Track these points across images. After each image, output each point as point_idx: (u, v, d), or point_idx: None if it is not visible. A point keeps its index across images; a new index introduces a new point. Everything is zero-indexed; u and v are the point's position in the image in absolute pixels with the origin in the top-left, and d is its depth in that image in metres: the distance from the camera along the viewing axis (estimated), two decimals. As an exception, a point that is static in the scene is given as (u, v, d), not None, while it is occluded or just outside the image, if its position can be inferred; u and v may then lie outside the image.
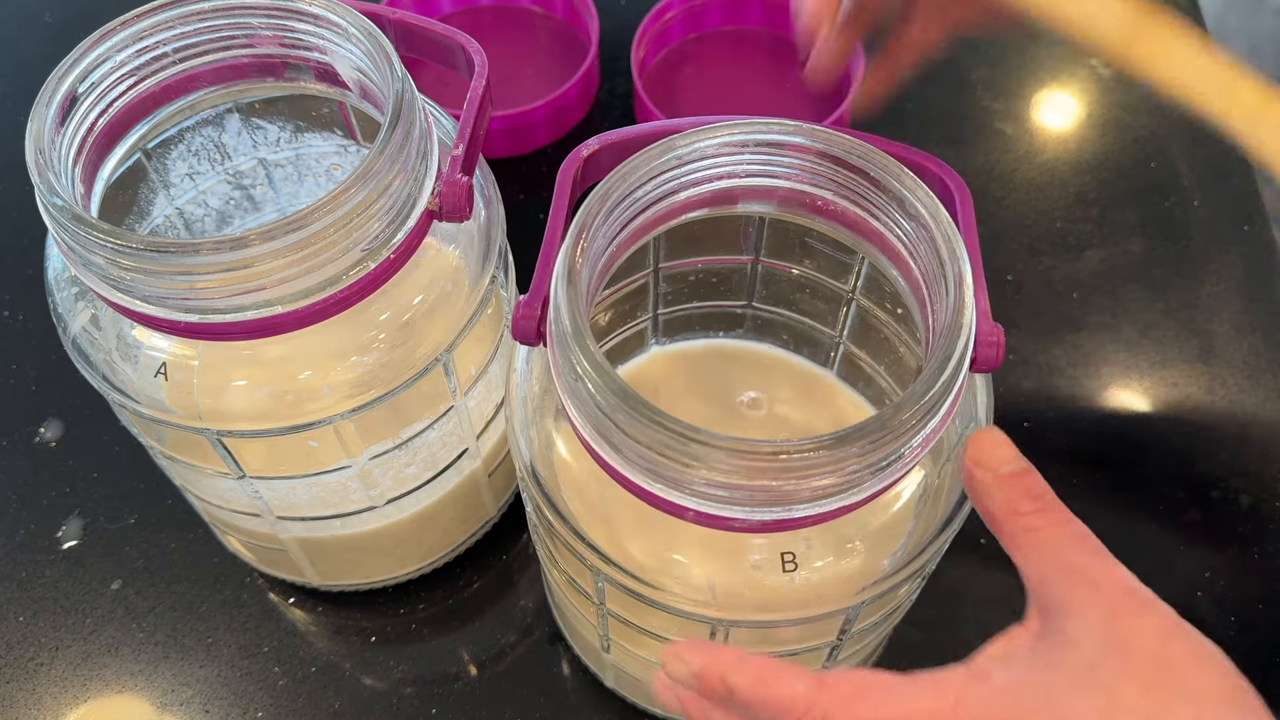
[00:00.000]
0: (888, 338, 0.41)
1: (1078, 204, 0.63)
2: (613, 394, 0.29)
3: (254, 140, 0.45)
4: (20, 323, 0.59)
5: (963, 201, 0.35)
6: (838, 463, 0.28)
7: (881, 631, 0.41)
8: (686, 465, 0.28)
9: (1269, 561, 0.51)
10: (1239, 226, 0.62)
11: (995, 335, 0.32)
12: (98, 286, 0.35)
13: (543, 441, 0.37)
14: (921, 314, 0.33)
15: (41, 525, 0.53)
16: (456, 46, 0.41)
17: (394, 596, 0.51)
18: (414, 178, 0.36)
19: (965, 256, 0.31)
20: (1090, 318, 0.59)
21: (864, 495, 0.30)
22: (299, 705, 0.48)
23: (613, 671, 0.47)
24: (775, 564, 0.35)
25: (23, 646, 0.50)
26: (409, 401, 0.42)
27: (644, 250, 0.39)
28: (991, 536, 0.32)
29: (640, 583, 0.35)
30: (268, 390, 0.39)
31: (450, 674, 0.49)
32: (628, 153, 0.33)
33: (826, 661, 0.40)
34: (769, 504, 0.29)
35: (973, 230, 0.34)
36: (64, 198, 0.34)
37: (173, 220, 0.45)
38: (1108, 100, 0.68)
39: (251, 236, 0.33)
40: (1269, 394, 0.56)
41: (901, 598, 0.39)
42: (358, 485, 0.44)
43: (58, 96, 0.36)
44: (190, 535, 0.52)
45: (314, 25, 0.39)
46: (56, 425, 0.56)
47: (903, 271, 0.34)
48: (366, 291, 0.36)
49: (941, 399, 0.29)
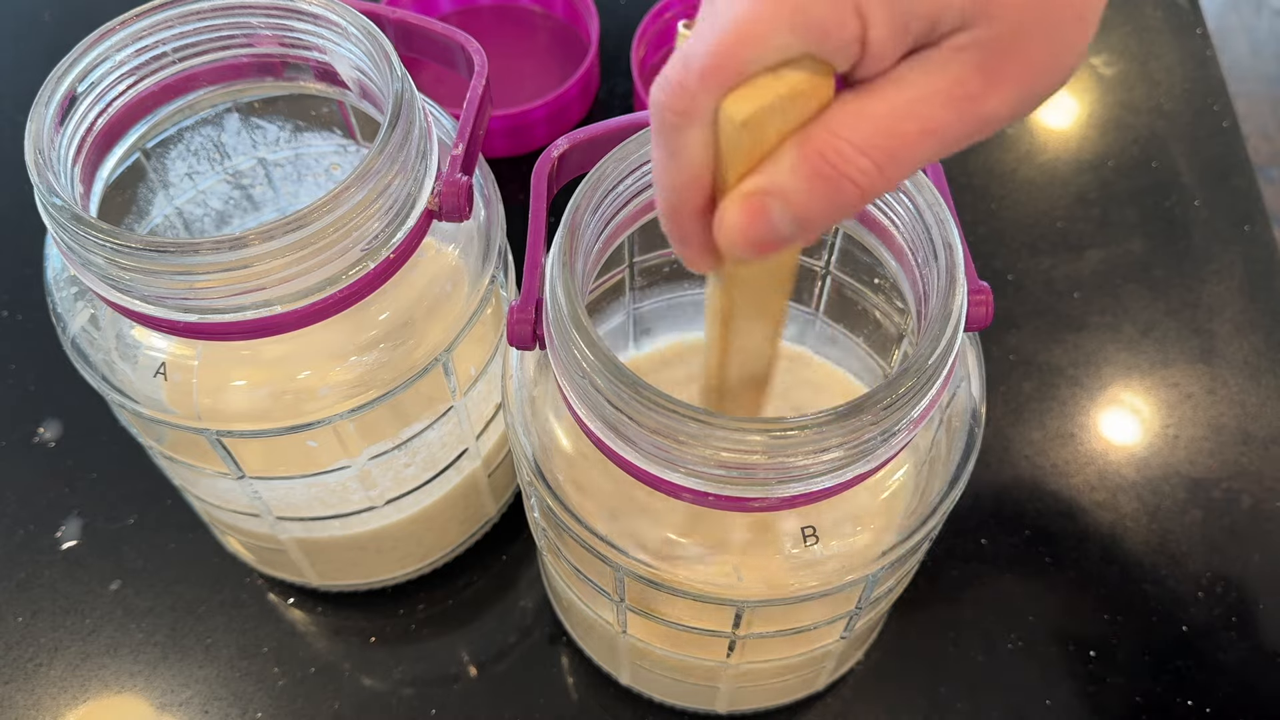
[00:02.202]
0: (865, 309, 0.41)
1: (1078, 204, 0.63)
2: (623, 385, 0.29)
3: (253, 140, 0.45)
4: (19, 322, 0.59)
5: (933, 166, 0.35)
6: (853, 433, 0.29)
7: (892, 596, 0.42)
8: (702, 449, 0.29)
9: (1269, 561, 0.51)
10: (1239, 226, 0.62)
11: (983, 294, 0.32)
12: (97, 286, 0.35)
13: (546, 441, 0.37)
14: (910, 281, 0.34)
15: (40, 525, 0.53)
16: (456, 46, 0.41)
17: (393, 597, 0.51)
18: (413, 177, 0.36)
19: (951, 221, 0.32)
20: (1091, 318, 0.59)
21: (877, 462, 0.30)
22: (298, 706, 0.48)
23: (629, 669, 0.47)
24: (796, 539, 0.36)
25: (21, 647, 0.50)
26: (408, 402, 0.42)
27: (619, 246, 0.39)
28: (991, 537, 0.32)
29: (663, 573, 0.35)
30: (267, 390, 0.39)
31: (450, 674, 0.49)
32: (598, 150, 0.34)
33: (845, 632, 0.41)
34: (786, 480, 0.30)
35: (946, 193, 0.34)
36: (63, 197, 0.34)
37: (172, 220, 0.45)
38: (1108, 100, 0.68)
39: (251, 236, 0.33)
40: (1270, 394, 0.56)
41: (914, 561, 0.40)
42: (357, 485, 0.44)
43: (57, 96, 0.36)
44: (189, 535, 0.52)
45: (313, 25, 0.39)
46: (56, 425, 0.56)
47: (886, 241, 0.35)
48: (366, 291, 0.36)
49: (944, 361, 0.30)
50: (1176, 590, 0.50)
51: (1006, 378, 0.56)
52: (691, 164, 0.25)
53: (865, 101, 0.24)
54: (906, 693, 0.48)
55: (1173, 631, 0.49)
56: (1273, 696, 0.48)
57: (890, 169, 0.24)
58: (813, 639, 0.41)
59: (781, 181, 0.24)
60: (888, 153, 0.24)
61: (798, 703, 0.48)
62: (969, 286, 0.32)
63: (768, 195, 0.25)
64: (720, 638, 0.39)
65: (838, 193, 0.24)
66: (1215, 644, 0.49)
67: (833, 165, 0.24)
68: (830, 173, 0.24)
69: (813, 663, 0.44)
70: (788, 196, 0.24)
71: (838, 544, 0.36)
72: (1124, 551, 0.51)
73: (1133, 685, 0.48)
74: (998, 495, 0.53)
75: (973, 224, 0.62)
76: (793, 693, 0.48)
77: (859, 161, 0.24)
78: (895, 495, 0.37)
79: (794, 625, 0.39)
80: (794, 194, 0.24)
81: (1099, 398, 0.56)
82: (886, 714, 0.48)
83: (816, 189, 0.24)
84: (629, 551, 0.35)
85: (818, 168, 0.24)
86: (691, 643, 0.41)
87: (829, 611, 0.39)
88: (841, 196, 0.24)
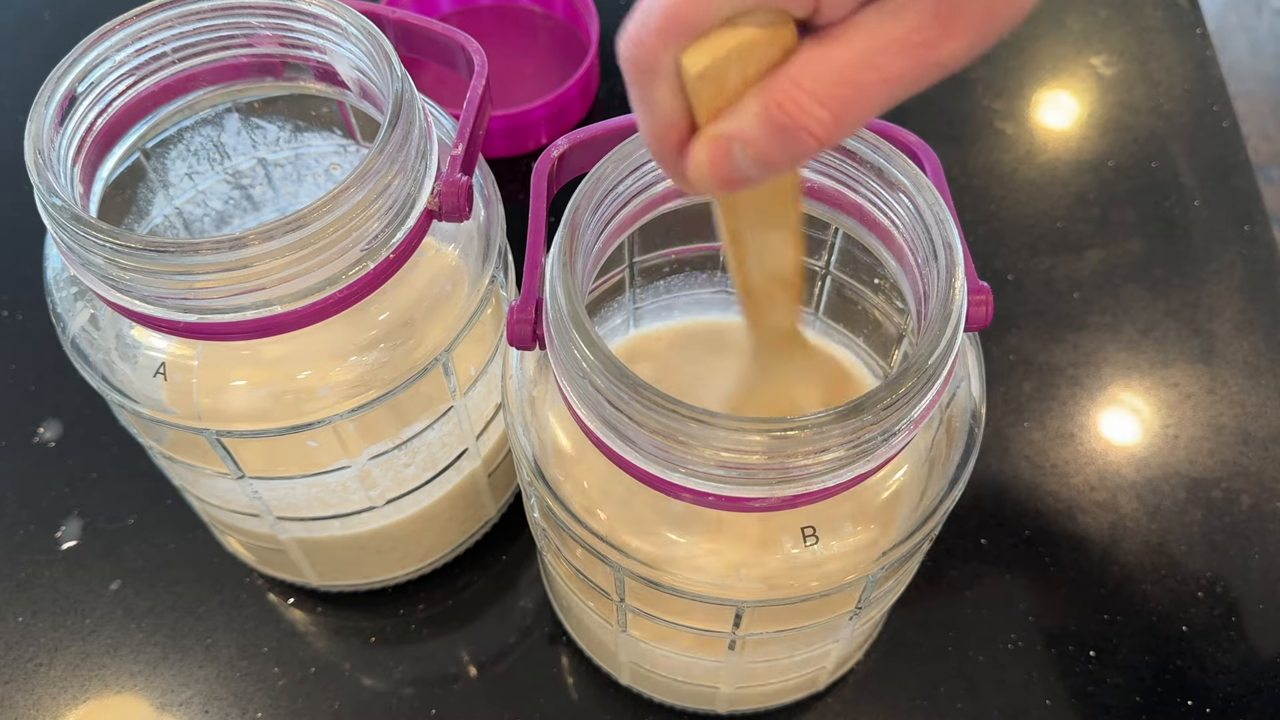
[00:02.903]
0: (865, 309, 0.41)
1: (1078, 204, 0.63)
2: (623, 385, 0.29)
3: (253, 140, 0.45)
4: (19, 323, 0.59)
5: (931, 165, 0.35)
6: (854, 433, 0.29)
7: (892, 596, 0.42)
8: (703, 449, 0.29)
9: (1269, 561, 0.51)
10: (1239, 226, 0.62)
11: (983, 294, 0.33)
12: (97, 286, 0.35)
13: (546, 441, 0.37)
14: (910, 281, 0.34)
15: (40, 525, 0.53)
16: (456, 46, 0.41)
17: (393, 597, 0.51)
18: (413, 177, 0.36)
19: (951, 221, 0.32)
20: (1091, 318, 0.59)
21: (878, 462, 0.31)
22: (298, 706, 0.48)
23: (629, 669, 0.47)
24: (796, 539, 0.36)
25: (21, 647, 0.50)
26: (408, 402, 0.42)
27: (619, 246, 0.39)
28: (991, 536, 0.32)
29: (664, 573, 0.35)
30: (267, 390, 0.39)
31: (450, 674, 0.49)
32: (598, 150, 0.34)
33: (845, 632, 0.41)
34: (787, 481, 0.30)
35: (946, 193, 0.34)
36: (63, 197, 0.34)
37: (172, 220, 0.45)
38: (1108, 100, 0.68)
39: (250, 236, 0.33)
40: (1269, 394, 0.56)
41: (914, 561, 0.40)
42: (357, 485, 0.44)
43: (57, 96, 0.36)
44: (189, 535, 0.52)
45: (313, 25, 0.39)
46: (55, 425, 0.56)
47: (886, 242, 0.35)
48: (366, 291, 0.36)
49: (944, 361, 0.30)
50: (1176, 590, 0.50)
51: (1006, 378, 0.56)
52: (663, 112, 0.26)
53: (826, 49, 0.25)
54: (906, 693, 0.48)
55: (1173, 631, 0.49)
56: (1273, 696, 0.48)
57: (847, 118, 0.25)
58: (813, 639, 0.41)
59: (744, 127, 0.26)
60: (845, 102, 0.25)
61: (798, 703, 0.48)
62: (969, 286, 0.32)
63: (731, 139, 0.26)
64: (720, 637, 0.39)
65: (795, 142, 0.26)
66: (1215, 644, 0.49)
67: (791, 116, 0.25)
68: (788, 123, 0.25)
69: (813, 662, 0.44)
70: (748, 142, 0.26)
71: (838, 544, 0.36)
72: (1124, 551, 0.51)
73: (1133, 685, 0.48)
74: (998, 495, 0.53)
75: (973, 224, 0.62)
76: (793, 693, 0.48)
77: (816, 112, 0.25)
78: (895, 495, 0.37)
79: (794, 625, 0.39)
80: (754, 140, 0.26)
81: (1099, 398, 0.56)
82: (886, 714, 0.48)
83: (775, 137, 0.25)
84: (629, 551, 0.35)
85: (776, 118, 0.25)
86: (692, 643, 0.41)
87: (829, 611, 0.39)
88: (799, 145, 0.26)
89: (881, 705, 0.48)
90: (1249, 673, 0.48)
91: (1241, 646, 0.49)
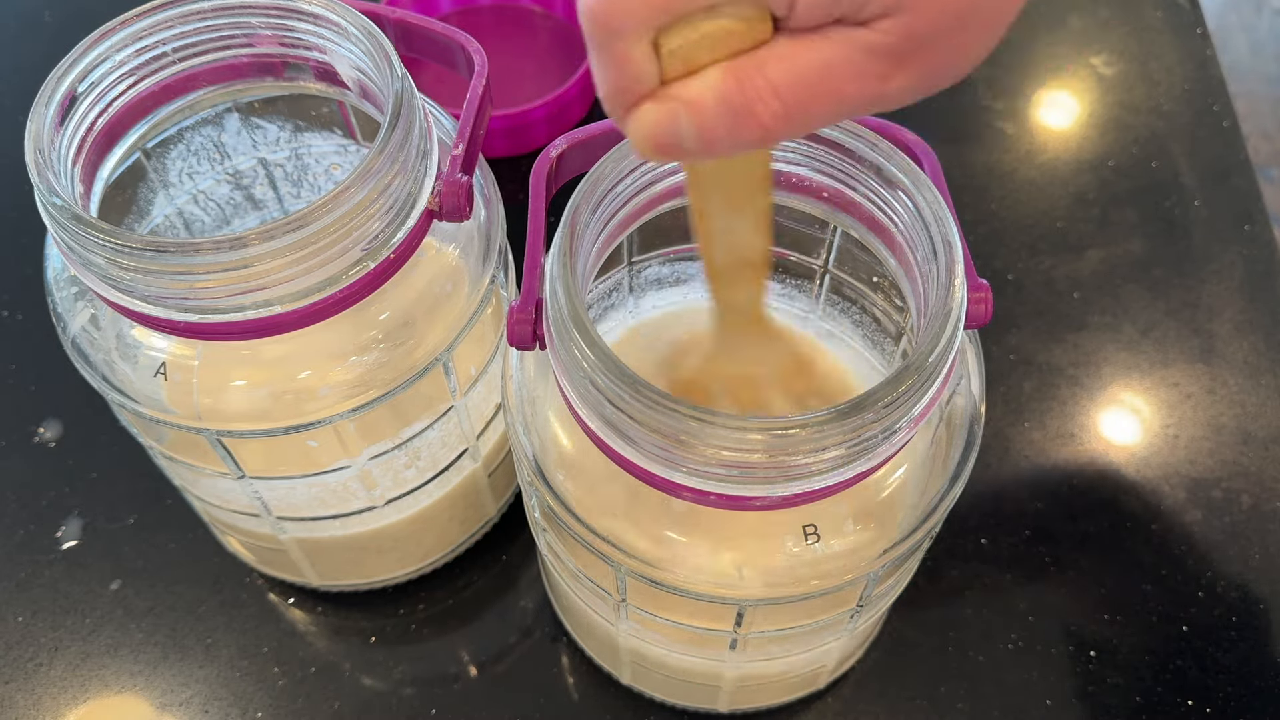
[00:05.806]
0: (864, 307, 0.42)
1: (1078, 204, 0.63)
2: (623, 384, 0.29)
3: (253, 140, 0.45)
4: (20, 322, 0.59)
5: (930, 164, 0.35)
6: (854, 431, 0.29)
7: (892, 596, 0.42)
8: (703, 448, 0.29)
9: (1269, 561, 0.51)
10: (1239, 226, 0.62)
11: (983, 291, 0.33)
12: (97, 286, 0.35)
13: (546, 441, 0.37)
14: (910, 280, 0.34)
15: (41, 525, 0.53)
16: (456, 46, 0.41)
17: (394, 597, 0.51)
18: (414, 177, 0.36)
19: (950, 219, 0.32)
20: (1091, 318, 0.59)
21: (878, 461, 0.31)
22: (299, 706, 0.48)
23: (629, 668, 0.47)
24: (798, 537, 0.36)
25: (21, 647, 0.50)
26: (408, 402, 0.42)
27: (619, 246, 0.39)
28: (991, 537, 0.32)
29: (665, 572, 0.35)
30: (267, 390, 0.39)
31: (450, 674, 0.49)
32: (597, 150, 0.34)
33: (845, 631, 0.41)
34: (787, 479, 0.30)
35: (946, 192, 0.34)
36: (63, 197, 0.34)
37: (172, 220, 0.45)
38: (1108, 100, 0.68)
39: (251, 236, 0.33)
40: (1269, 394, 0.56)
41: (914, 560, 0.40)
42: (357, 485, 0.44)
43: (57, 96, 0.36)
44: (190, 535, 0.52)
45: (314, 25, 0.39)
46: (56, 425, 0.56)
47: (885, 240, 0.35)
48: (366, 291, 0.36)
49: (944, 359, 0.30)
50: (1176, 590, 0.50)
51: (1006, 378, 0.56)
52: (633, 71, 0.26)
53: (797, 48, 0.26)
54: (906, 692, 0.48)
55: (1173, 631, 0.49)
56: (1273, 696, 0.48)
57: (797, 118, 0.26)
58: (813, 638, 0.41)
59: (698, 95, 0.26)
60: (799, 103, 0.26)
61: (798, 701, 0.48)
62: (968, 284, 0.32)
63: (682, 103, 0.26)
64: (721, 636, 0.39)
65: (742, 124, 0.26)
66: (1215, 644, 0.49)
67: (746, 97, 0.26)
68: (742, 103, 0.26)
69: (813, 661, 0.44)
70: (697, 111, 0.26)
71: (838, 543, 0.36)
72: (1124, 551, 0.51)
73: (1133, 685, 0.48)
74: (998, 495, 0.53)
75: (973, 224, 0.62)
76: (793, 691, 0.48)
77: (771, 102, 0.26)
78: (896, 493, 0.37)
79: (795, 624, 0.39)
80: (703, 111, 0.26)
81: (1099, 398, 0.56)
82: (886, 713, 0.48)
83: (724, 114, 0.26)
84: (630, 551, 0.35)
85: (733, 95, 0.26)
86: (692, 642, 0.41)
87: (830, 610, 0.39)
88: (744, 128, 0.26)
89: (881, 704, 0.48)
90: (1249, 673, 0.48)
91: (1241, 646, 0.49)
